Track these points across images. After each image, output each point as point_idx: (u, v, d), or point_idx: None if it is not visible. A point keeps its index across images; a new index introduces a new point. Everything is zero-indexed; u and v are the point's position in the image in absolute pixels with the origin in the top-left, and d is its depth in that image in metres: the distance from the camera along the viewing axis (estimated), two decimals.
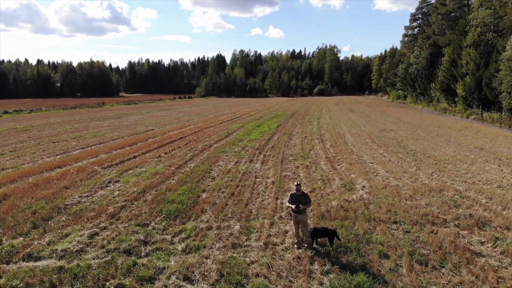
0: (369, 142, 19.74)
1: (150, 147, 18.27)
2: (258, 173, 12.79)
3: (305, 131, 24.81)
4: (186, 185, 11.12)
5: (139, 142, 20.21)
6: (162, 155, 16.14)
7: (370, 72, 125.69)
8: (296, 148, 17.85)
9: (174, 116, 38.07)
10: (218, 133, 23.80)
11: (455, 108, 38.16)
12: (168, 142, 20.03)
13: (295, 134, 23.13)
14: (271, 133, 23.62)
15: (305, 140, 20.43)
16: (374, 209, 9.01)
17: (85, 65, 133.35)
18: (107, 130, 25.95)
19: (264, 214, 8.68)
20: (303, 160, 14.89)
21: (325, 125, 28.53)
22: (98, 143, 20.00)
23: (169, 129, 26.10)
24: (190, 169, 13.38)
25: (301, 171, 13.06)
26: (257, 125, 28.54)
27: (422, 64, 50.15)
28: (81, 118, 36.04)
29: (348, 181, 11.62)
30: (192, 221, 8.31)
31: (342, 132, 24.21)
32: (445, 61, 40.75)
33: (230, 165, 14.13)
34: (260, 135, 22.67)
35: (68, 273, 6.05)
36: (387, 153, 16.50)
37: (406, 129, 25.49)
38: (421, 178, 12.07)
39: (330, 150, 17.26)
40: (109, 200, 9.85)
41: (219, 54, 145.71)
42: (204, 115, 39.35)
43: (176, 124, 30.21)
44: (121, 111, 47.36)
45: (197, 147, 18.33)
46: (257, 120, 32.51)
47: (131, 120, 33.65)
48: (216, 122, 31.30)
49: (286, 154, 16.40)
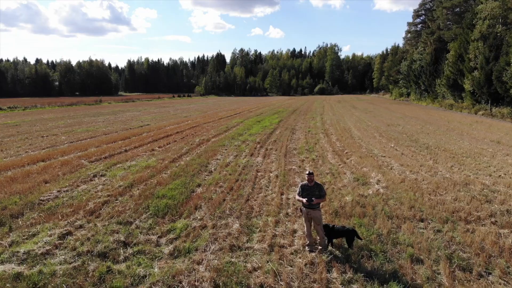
0: (377, 136, 18.53)
1: (143, 141, 17.05)
2: (260, 167, 11.58)
3: (309, 126, 23.60)
4: (179, 179, 9.91)
5: (132, 136, 19.00)
6: (156, 149, 14.93)
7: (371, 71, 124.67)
8: (300, 142, 16.63)
9: (172, 113, 36.86)
10: (216, 128, 22.59)
11: (462, 104, 36.95)
12: (163, 136, 18.82)
13: (298, 129, 21.92)
14: (273, 128, 22.41)
15: (309, 135, 19.21)
16: (395, 205, 7.79)
17: (84, 64, 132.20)
18: (100, 125, 24.73)
19: (267, 211, 7.47)
20: (308, 154, 13.68)
21: (328, 120, 27.32)
22: (89, 137, 18.79)
23: (165, 124, 24.88)
24: (185, 162, 12.16)
25: (307, 165, 11.84)
26: (258, 120, 27.33)
27: (426, 60, 48.94)
28: (75, 115, 34.83)
29: (360, 175, 10.40)
30: (183, 218, 7.10)
31: (348, 126, 23.00)
32: (451, 56, 39.53)
33: (229, 158, 12.92)
34: (261, 129, 21.46)
35: (25, 282, 4.84)
36: (398, 147, 15.28)
37: (414, 124, 24.28)
38: (441, 172, 10.85)
39: (337, 144, 16.04)
40: (90, 195, 8.64)
41: (219, 53, 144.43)
42: (202, 112, 38.14)
43: (174, 119, 28.99)
44: (118, 108, 46.15)
45: (194, 141, 17.12)
46: (257, 116, 31.30)
47: (126, 116, 32.44)
48: (215, 118, 30.09)
49: (289, 148, 15.19)
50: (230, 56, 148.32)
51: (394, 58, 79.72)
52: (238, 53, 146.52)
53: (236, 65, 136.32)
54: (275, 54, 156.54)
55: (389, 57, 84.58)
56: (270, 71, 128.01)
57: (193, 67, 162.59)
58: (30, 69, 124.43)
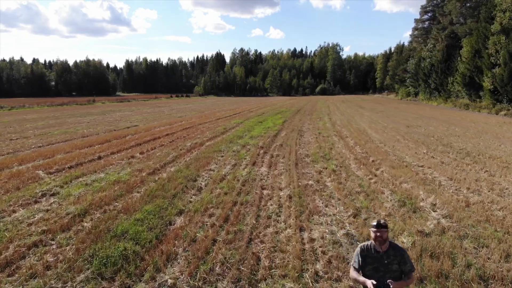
0: (401, 140, 15.76)
1: (124, 145, 14.29)
2: (265, 182, 8.82)
3: (317, 127, 20.84)
4: (154, 202, 7.14)
5: (114, 139, 16.23)
6: (136, 156, 12.17)
7: (373, 71, 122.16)
8: (311, 147, 13.87)
9: (166, 112, 34.09)
10: (213, 129, 19.83)
11: (479, 104, 34.16)
12: (149, 139, 16.05)
13: (306, 131, 19.15)
14: (277, 129, 19.65)
15: (321, 137, 16.44)
16: (478, 251, 5.03)
17: (81, 64, 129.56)
18: (83, 126, 21.98)
19: (282, 268, 4.68)
20: (325, 162, 10.91)
21: (338, 121, 24.56)
22: (63, 141, 16.03)
23: (156, 125, 22.11)
24: (168, 175, 9.39)
25: (327, 179, 9.07)
26: (260, 121, 24.56)
27: (437, 58, 46.19)
28: (62, 115, 32.09)
29: (404, 194, 7.63)
30: (144, 283, 4.32)
31: (362, 128, 20.24)
32: (466, 52, 36.77)
33: (225, 169, 10.15)
34: (263, 131, 18.70)
35: None
36: (433, 153, 12.52)
37: (437, 125, 21.53)
38: (510, 190, 8.10)
39: (357, 149, 13.28)
40: (18, 230, 5.87)
41: (218, 53, 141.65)
42: (199, 112, 35.38)
43: (166, 120, 26.22)
44: (110, 108, 43.39)
45: (185, 145, 14.35)
46: (259, 116, 28.54)
47: (116, 116, 29.69)
48: (212, 118, 27.32)
49: (300, 154, 12.42)
50: (230, 56, 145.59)
51: (399, 57, 77.00)
52: (238, 53, 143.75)
53: (236, 65, 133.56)
54: (276, 54, 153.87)
55: (394, 56, 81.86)
56: (270, 71, 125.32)
57: (192, 67, 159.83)
58: (26, 69, 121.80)
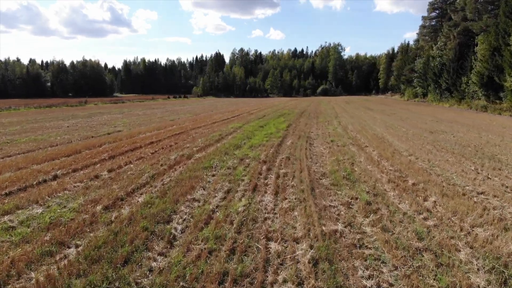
0: (433, 150, 12.99)
1: (94, 159, 11.52)
2: (271, 224, 6.04)
3: (328, 133, 18.06)
4: (91, 274, 4.35)
5: (86, 149, 13.46)
6: (102, 175, 9.39)
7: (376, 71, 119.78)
8: (326, 161, 11.09)
9: (159, 115, 31.30)
10: (207, 135, 17.04)
11: (500, 105, 31.43)
12: (128, 149, 13.27)
13: (316, 138, 16.37)
14: (281, 136, 16.87)
15: (335, 147, 13.66)
16: None
17: (77, 65, 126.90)
18: (59, 132, 19.19)
19: None
20: (351, 187, 8.12)
21: (350, 125, 21.78)
22: (25, 152, 13.25)
23: (142, 131, 19.32)
24: (132, 210, 6.60)
25: (362, 219, 6.27)
26: (261, 125, 21.78)
27: (448, 56, 43.48)
28: (45, 118, 29.29)
29: (491, 254, 4.85)
30: None
31: (380, 134, 17.47)
32: (483, 49, 34.07)
33: (215, 198, 7.36)
34: (265, 138, 15.92)
35: None
36: (484, 171, 9.74)
37: (465, 131, 18.78)
38: None
39: (385, 165, 10.49)
40: None
41: (218, 53, 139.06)
42: (195, 114, 32.59)
43: (156, 123, 23.43)
44: (100, 110, 40.61)
45: (169, 158, 11.57)
46: (260, 120, 25.76)
47: (101, 120, 26.90)
48: (207, 121, 24.53)
49: (314, 172, 9.63)
50: (230, 56, 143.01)
51: (404, 56, 74.36)
52: (238, 53, 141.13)
53: (236, 65, 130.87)
54: (276, 54, 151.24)
55: (399, 56, 79.15)
56: (270, 71, 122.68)
57: (191, 67, 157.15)
58: (21, 69, 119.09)
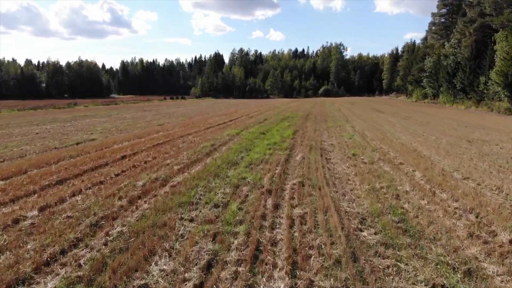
0: (490, 170, 9.77)
1: (34, 185, 8.31)
2: None
3: (345, 142, 14.84)
4: None
5: (34, 168, 10.24)
6: (27, 218, 6.18)
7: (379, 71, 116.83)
8: (358, 190, 7.86)
9: (148, 118, 28.07)
10: (196, 146, 13.82)
11: None
12: (88, 168, 10.04)
13: (331, 149, 13.16)
14: (288, 146, 13.65)
15: (361, 165, 10.43)
16: None
17: (73, 65, 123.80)
18: (22, 141, 15.97)
19: None
20: (417, 253, 4.89)
21: (366, 131, 18.58)
22: None
23: (119, 139, 16.09)
24: None
25: None
26: (262, 132, 18.57)
27: (464, 54, 40.31)
28: (19, 122, 26.07)
29: None
30: None
31: (408, 144, 14.24)
32: (507, 46, 30.91)
33: (188, 284, 4.14)
34: (268, 151, 12.70)
35: None
36: None
37: (507, 140, 15.58)
38: None
39: (443, 198, 7.27)
40: None
41: (217, 53, 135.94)
42: (188, 117, 29.38)
43: (140, 129, 20.23)
44: (87, 112, 37.40)
45: (135, 185, 8.35)
46: (260, 124, 22.55)
47: (81, 125, 23.70)
48: (200, 127, 21.33)
49: (346, 214, 6.41)
50: (229, 56, 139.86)
51: (411, 56, 71.22)
52: (238, 53, 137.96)
53: (235, 65, 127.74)
54: (276, 54, 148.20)
55: (405, 55, 76.00)
56: (271, 72, 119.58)
57: (190, 68, 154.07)
58: (15, 70, 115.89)
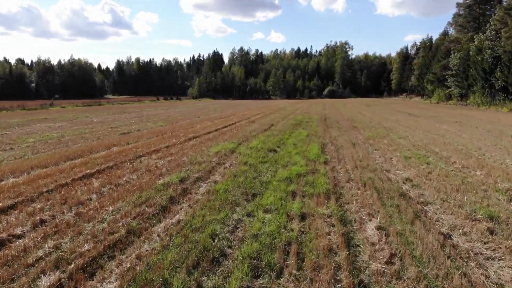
0: None
1: None
2: None
3: (430, 177, 8.35)
4: None
5: None
6: None
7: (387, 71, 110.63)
8: None
9: (118, 123, 21.56)
10: (145, 186, 7.35)
11: None
12: None
13: (431, 201, 6.67)
14: (326, 188, 7.15)
15: None
16: None
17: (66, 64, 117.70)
18: None
19: None
20: None
21: (436, 148, 12.10)
22: None
23: (35, 163, 9.60)
24: None
25: None
26: (271, 147, 12.05)
27: (506, 47, 33.91)
28: None
29: None
30: None
31: None
32: None
33: None
34: (291, 203, 6.20)
35: None
36: None
37: None
38: None
39: None
40: None
41: (216, 52, 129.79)
42: (171, 122, 22.89)
43: (93, 141, 13.73)
44: (53, 115, 30.94)
45: None
46: (265, 133, 16.03)
47: (15, 135, 17.30)
48: (180, 137, 14.82)
49: None
50: (229, 56, 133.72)
51: (428, 53, 64.88)
52: (238, 53, 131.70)
53: (235, 65, 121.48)
54: (278, 54, 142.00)
55: (421, 53, 69.64)
56: (272, 72, 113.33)
57: (188, 68, 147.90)
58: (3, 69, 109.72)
